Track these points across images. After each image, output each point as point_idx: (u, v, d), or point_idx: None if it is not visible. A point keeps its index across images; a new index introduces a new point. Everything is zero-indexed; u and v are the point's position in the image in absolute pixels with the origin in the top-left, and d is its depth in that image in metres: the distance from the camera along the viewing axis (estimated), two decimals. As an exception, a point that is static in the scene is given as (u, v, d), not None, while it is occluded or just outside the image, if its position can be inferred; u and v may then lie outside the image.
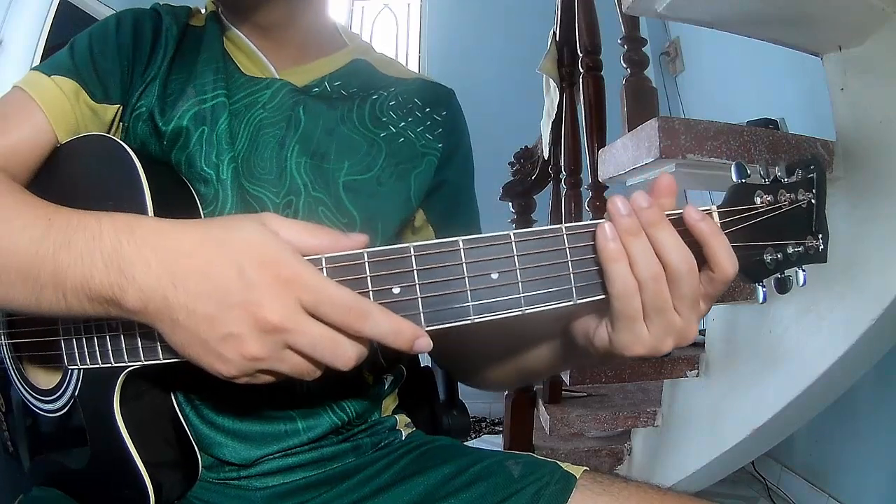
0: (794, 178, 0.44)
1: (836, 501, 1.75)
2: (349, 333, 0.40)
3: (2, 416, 0.63)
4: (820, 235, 0.45)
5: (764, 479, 2.04)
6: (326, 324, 0.39)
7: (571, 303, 0.42)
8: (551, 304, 0.42)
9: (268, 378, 0.42)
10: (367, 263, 0.41)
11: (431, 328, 0.41)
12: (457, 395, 0.92)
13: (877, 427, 1.64)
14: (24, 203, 0.46)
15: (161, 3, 0.66)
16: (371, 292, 0.41)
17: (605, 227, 0.41)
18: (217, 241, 0.40)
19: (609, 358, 0.46)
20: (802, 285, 0.45)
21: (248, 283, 0.38)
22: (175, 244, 0.40)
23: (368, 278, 0.41)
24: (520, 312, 0.42)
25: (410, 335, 0.40)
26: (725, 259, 0.41)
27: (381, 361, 0.69)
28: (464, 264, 0.41)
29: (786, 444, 1.74)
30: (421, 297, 0.41)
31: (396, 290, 0.41)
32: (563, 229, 0.42)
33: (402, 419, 0.71)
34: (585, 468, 0.59)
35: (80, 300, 0.42)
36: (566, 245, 0.42)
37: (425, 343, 0.40)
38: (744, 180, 0.44)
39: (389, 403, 0.71)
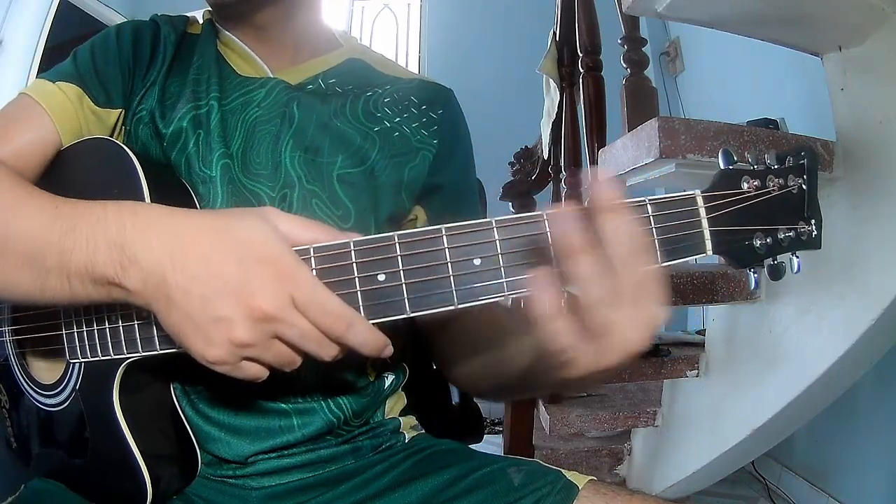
0: (783, 165, 0.44)
1: (836, 501, 1.75)
2: (330, 337, 0.41)
3: (4, 412, 0.64)
4: (813, 221, 0.44)
5: (764, 479, 2.04)
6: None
7: None
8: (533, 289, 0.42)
9: (250, 368, 0.43)
10: (353, 251, 0.43)
11: (417, 314, 0.42)
12: (471, 398, 0.92)
13: (877, 427, 1.64)
14: (31, 193, 0.47)
15: (159, 14, 0.68)
16: (357, 279, 0.42)
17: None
18: (220, 230, 0.42)
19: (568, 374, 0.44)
20: (797, 272, 0.44)
21: (245, 273, 0.40)
22: (178, 229, 0.42)
23: (354, 265, 0.42)
24: (501, 298, 0.42)
25: (383, 344, 0.43)
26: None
27: (387, 358, 0.69)
28: (446, 250, 0.42)
29: (786, 444, 1.74)
30: (405, 284, 0.42)
31: (382, 277, 0.42)
32: (545, 215, 0.42)
33: (407, 421, 0.71)
34: (591, 478, 0.58)
35: (84, 283, 0.43)
36: (548, 230, 0.42)
37: (389, 351, 0.44)
38: (731, 167, 0.43)
39: (395, 404, 0.71)
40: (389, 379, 0.69)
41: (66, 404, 0.56)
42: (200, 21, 0.70)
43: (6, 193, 0.47)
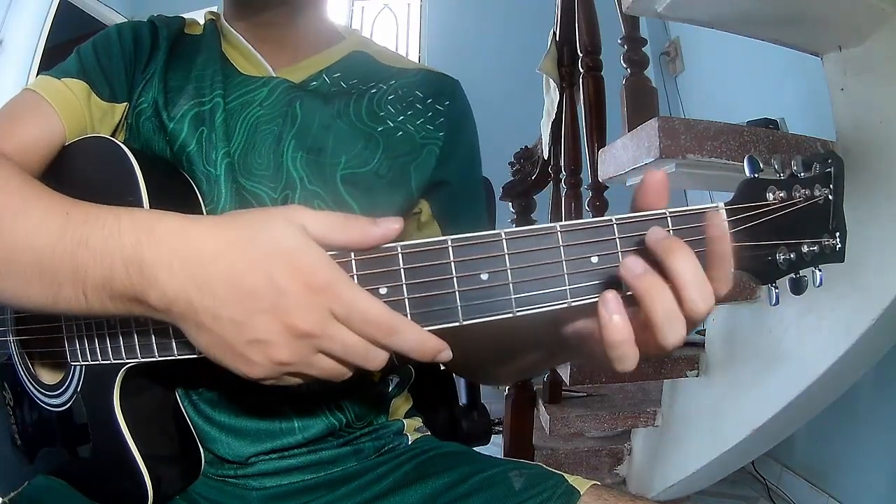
0: (810, 173, 0.41)
1: (836, 501, 1.75)
2: (377, 345, 0.40)
3: (10, 410, 0.64)
4: (837, 234, 0.42)
5: (764, 479, 2.04)
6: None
7: (566, 304, 0.40)
8: (544, 306, 0.40)
9: (295, 380, 0.41)
10: (353, 262, 0.40)
11: None
12: (479, 398, 0.91)
13: (877, 427, 1.64)
14: (39, 195, 0.45)
15: (156, 15, 0.69)
16: None
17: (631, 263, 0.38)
18: (242, 243, 0.38)
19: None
20: (819, 286, 0.42)
21: (277, 290, 0.37)
22: (198, 246, 0.39)
23: (355, 277, 0.40)
24: (510, 315, 0.40)
25: (434, 348, 0.40)
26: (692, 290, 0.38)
27: (394, 360, 0.68)
28: (452, 264, 0.39)
29: (786, 444, 1.74)
30: (408, 298, 0.40)
31: (384, 291, 0.40)
32: (558, 227, 0.40)
33: (411, 423, 0.70)
34: (594, 482, 0.57)
35: (102, 299, 0.41)
36: (560, 244, 0.40)
37: (446, 355, 0.40)
38: (756, 175, 0.41)
39: (399, 406, 0.71)
40: (394, 381, 0.68)
41: (68, 405, 0.56)
42: (201, 22, 0.70)
43: (13, 195, 0.45)
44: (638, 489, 1.67)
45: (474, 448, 0.72)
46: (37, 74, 2.80)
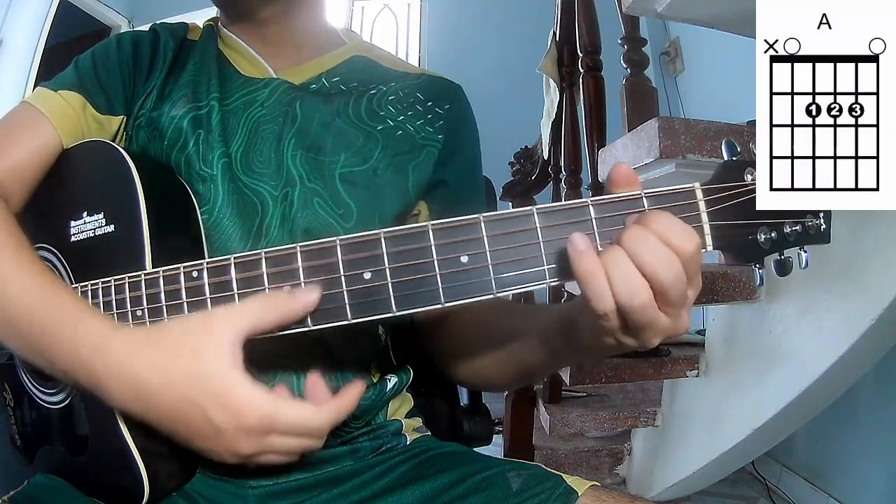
0: None
1: (836, 501, 1.75)
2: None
3: (10, 411, 0.64)
4: (822, 214, 0.41)
5: (764, 479, 2.03)
6: None
7: (544, 284, 0.41)
8: (523, 286, 0.41)
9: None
10: (338, 248, 0.42)
11: (403, 312, 0.42)
12: (480, 400, 0.91)
13: (877, 427, 1.64)
14: (13, 272, 0.49)
15: (159, 23, 0.69)
16: (343, 277, 0.42)
17: (577, 240, 0.39)
18: (181, 379, 0.43)
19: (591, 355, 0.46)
20: (804, 267, 0.42)
21: (215, 428, 0.43)
22: (142, 379, 0.44)
23: (340, 263, 0.42)
24: (491, 296, 0.41)
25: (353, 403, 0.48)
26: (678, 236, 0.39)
27: (392, 360, 0.68)
28: (433, 248, 0.41)
29: (786, 444, 1.74)
30: (391, 282, 0.41)
31: (367, 276, 0.42)
32: (534, 210, 0.41)
33: (410, 423, 0.70)
34: (593, 483, 0.57)
35: (69, 381, 0.48)
36: (537, 225, 0.41)
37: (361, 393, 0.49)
38: (735, 157, 0.42)
39: (399, 406, 0.70)
40: (392, 381, 0.68)
41: (66, 401, 0.56)
42: (201, 26, 0.70)
43: (4, 261, 0.49)
44: (638, 489, 1.67)
45: (475, 448, 0.71)
46: (36, 74, 2.81)
